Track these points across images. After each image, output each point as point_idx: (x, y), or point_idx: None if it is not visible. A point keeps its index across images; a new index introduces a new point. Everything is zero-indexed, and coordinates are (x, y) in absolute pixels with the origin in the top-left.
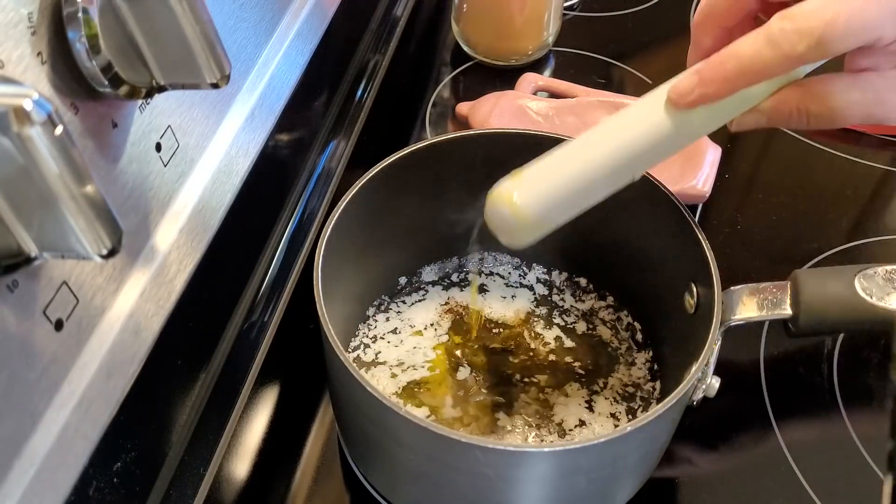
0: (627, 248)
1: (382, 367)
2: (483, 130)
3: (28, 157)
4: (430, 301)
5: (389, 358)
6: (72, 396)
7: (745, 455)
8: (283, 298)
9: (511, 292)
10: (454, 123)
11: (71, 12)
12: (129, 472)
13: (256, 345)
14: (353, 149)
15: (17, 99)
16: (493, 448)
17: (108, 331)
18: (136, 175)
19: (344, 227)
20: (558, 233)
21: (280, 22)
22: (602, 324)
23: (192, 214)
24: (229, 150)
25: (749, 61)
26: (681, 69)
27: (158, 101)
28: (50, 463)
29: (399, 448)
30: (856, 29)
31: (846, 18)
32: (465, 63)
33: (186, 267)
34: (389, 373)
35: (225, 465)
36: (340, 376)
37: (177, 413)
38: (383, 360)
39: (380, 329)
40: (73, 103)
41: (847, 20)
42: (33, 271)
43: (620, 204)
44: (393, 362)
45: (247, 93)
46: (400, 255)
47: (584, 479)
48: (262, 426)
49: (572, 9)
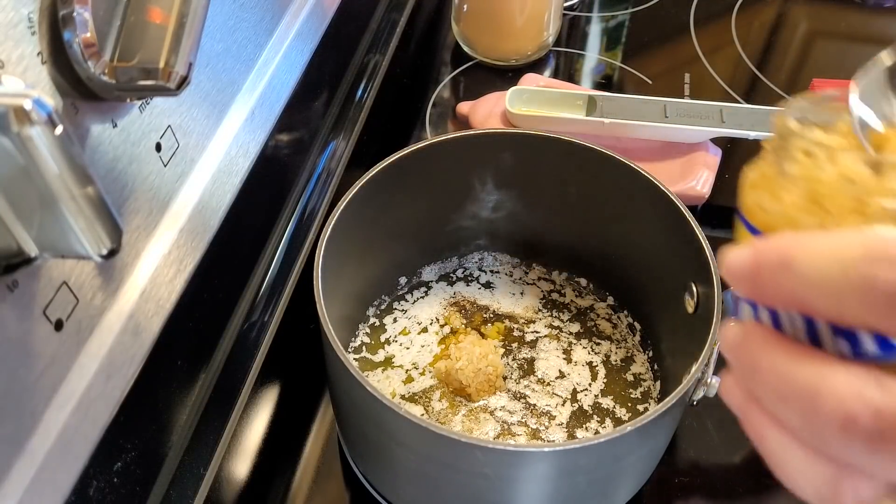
0: (627, 248)
1: (399, 370)
2: (483, 130)
3: (28, 157)
4: (434, 297)
5: (405, 362)
6: (72, 397)
7: (745, 455)
8: (283, 298)
9: (520, 289)
10: (454, 123)
11: (67, 13)
12: (129, 472)
13: (256, 345)
14: (353, 149)
15: (17, 99)
16: (493, 448)
17: (107, 331)
18: (136, 175)
19: (344, 227)
20: (558, 233)
21: (280, 22)
22: (603, 320)
23: (192, 214)
24: (229, 150)
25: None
26: (680, 69)
27: (158, 101)
28: (50, 463)
29: (399, 448)
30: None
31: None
32: (465, 63)
33: (186, 267)
34: (405, 376)
35: (225, 465)
36: (340, 376)
37: (177, 413)
38: (400, 364)
39: (389, 332)
40: (73, 103)
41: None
42: (33, 271)
43: (620, 204)
44: (408, 366)
45: (247, 93)
46: (400, 254)
47: (584, 478)
48: (262, 426)
49: (572, 9)
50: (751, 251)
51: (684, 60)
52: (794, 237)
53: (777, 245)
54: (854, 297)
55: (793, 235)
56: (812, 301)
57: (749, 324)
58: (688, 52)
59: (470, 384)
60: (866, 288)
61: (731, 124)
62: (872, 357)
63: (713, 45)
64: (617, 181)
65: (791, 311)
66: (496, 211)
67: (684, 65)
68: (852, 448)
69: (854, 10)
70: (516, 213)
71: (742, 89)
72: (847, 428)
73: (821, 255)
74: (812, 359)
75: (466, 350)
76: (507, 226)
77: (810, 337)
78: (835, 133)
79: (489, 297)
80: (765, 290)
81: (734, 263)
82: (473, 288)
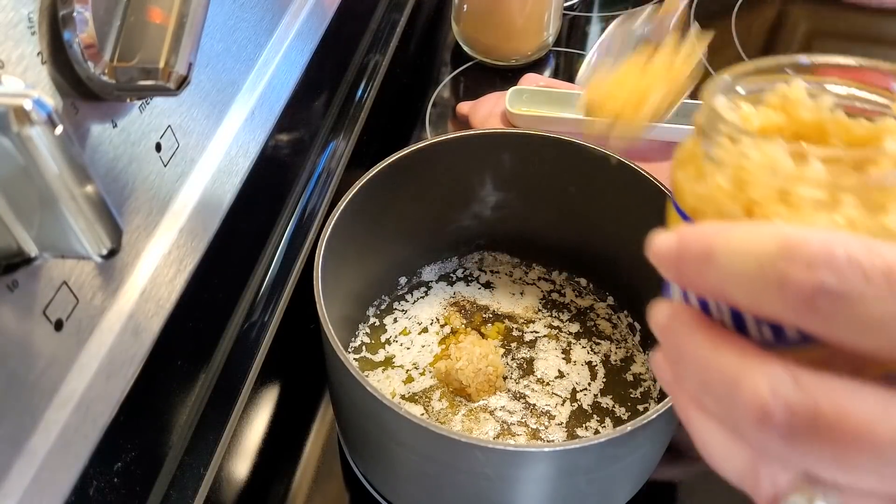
0: (627, 248)
1: (399, 370)
2: (483, 130)
3: (28, 157)
4: (434, 297)
5: (405, 362)
6: (72, 396)
7: None
8: (283, 298)
9: (520, 289)
10: (454, 123)
11: (67, 13)
12: (129, 472)
13: (256, 345)
14: (353, 149)
15: (17, 99)
16: (493, 448)
17: (107, 331)
18: (136, 175)
19: (344, 227)
20: (558, 233)
21: (280, 22)
22: (603, 320)
23: (192, 214)
24: (229, 150)
25: None
26: None
27: (158, 101)
28: (50, 463)
29: (399, 448)
30: None
31: None
32: (465, 63)
33: (186, 267)
34: (405, 376)
35: (225, 465)
36: (340, 376)
37: (177, 413)
38: (400, 364)
39: (390, 332)
40: (73, 103)
41: None
42: (33, 271)
43: (620, 204)
44: (408, 366)
45: (247, 93)
46: (400, 255)
47: (584, 479)
48: (262, 426)
49: (572, 9)
50: (676, 238)
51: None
52: (716, 228)
53: (700, 235)
54: (769, 294)
55: (715, 226)
56: (731, 294)
57: (677, 305)
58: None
59: (470, 384)
60: (780, 286)
61: None
62: (794, 343)
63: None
64: (617, 181)
65: (713, 300)
66: (496, 211)
67: None
68: (767, 439)
69: (854, 10)
70: (516, 213)
71: None
72: (762, 421)
73: (739, 248)
74: (733, 348)
75: (466, 350)
76: (506, 226)
77: (735, 322)
78: (763, 106)
79: (489, 297)
80: (688, 278)
81: (660, 249)
82: (473, 288)
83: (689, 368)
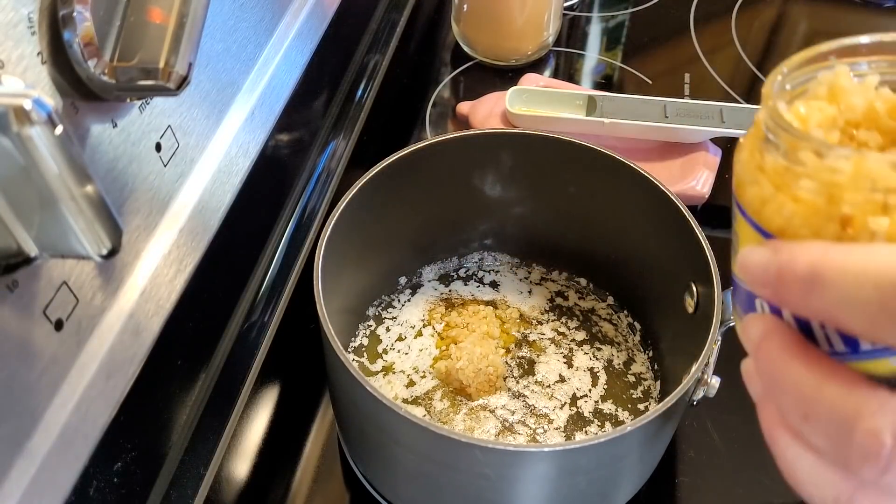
0: (627, 248)
1: (400, 375)
2: (483, 130)
3: (28, 157)
4: (422, 296)
5: (405, 367)
6: (72, 396)
7: (746, 455)
8: (283, 298)
9: (527, 287)
10: (454, 123)
11: (67, 13)
12: (129, 472)
13: (256, 345)
14: (353, 149)
15: (17, 99)
16: (493, 448)
17: (108, 331)
18: (136, 175)
19: (344, 227)
20: (558, 233)
21: (280, 22)
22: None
23: (192, 214)
24: (229, 150)
25: None
26: (680, 69)
27: (158, 101)
28: (50, 463)
29: (399, 448)
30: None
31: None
32: (465, 63)
33: (186, 267)
34: (406, 381)
35: (225, 465)
36: (340, 376)
37: (177, 413)
38: (401, 370)
39: (385, 342)
40: (73, 103)
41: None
42: (33, 271)
43: (620, 204)
44: (409, 370)
45: (247, 93)
46: (400, 255)
47: (584, 479)
48: (262, 426)
49: (572, 9)
50: (773, 258)
51: (684, 60)
52: (821, 249)
53: (804, 257)
54: (890, 321)
55: (819, 247)
56: (843, 320)
57: (770, 322)
58: (688, 52)
59: (470, 384)
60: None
61: (731, 124)
62: (866, 354)
63: (713, 45)
64: (617, 181)
65: (816, 321)
66: (496, 211)
67: (684, 65)
68: (880, 477)
69: (854, 9)
70: (516, 214)
71: (742, 89)
72: (880, 460)
73: (853, 273)
74: (839, 380)
75: (467, 350)
76: (506, 226)
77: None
78: (812, 99)
79: (489, 297)
80: (789, 300)
81: (755, 267)
82: (472, 287)
83: (787, 396)
